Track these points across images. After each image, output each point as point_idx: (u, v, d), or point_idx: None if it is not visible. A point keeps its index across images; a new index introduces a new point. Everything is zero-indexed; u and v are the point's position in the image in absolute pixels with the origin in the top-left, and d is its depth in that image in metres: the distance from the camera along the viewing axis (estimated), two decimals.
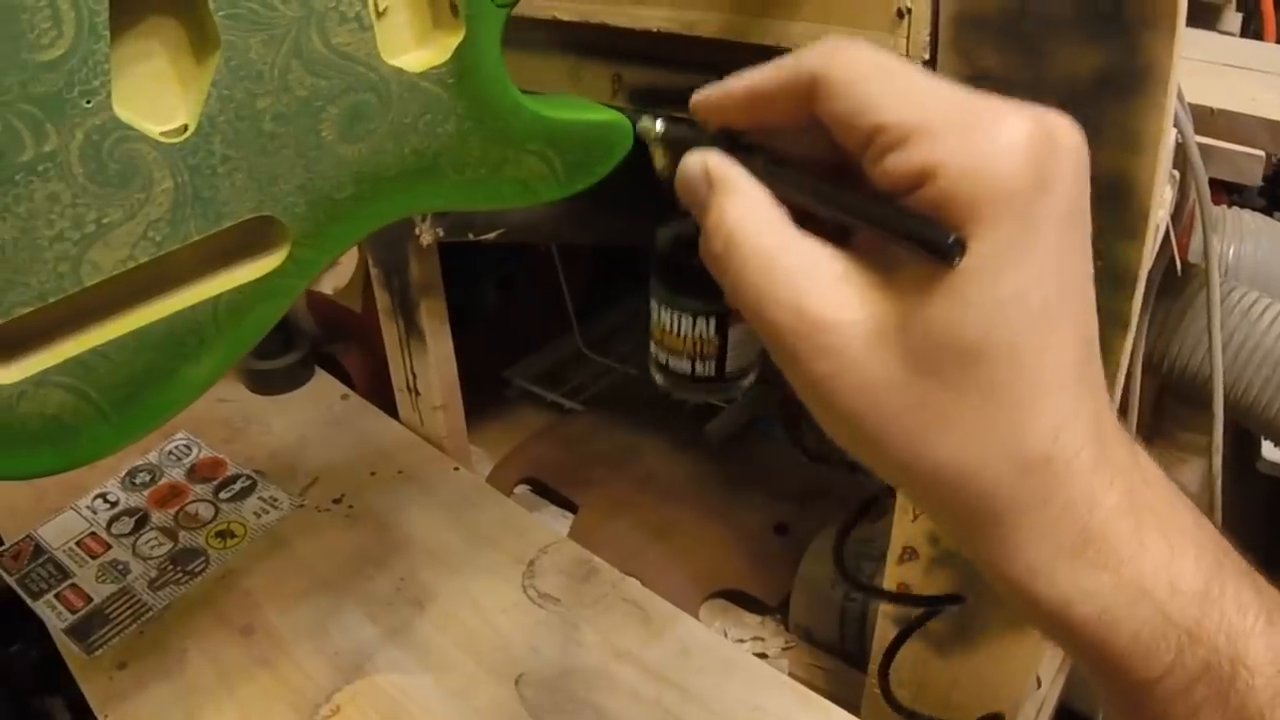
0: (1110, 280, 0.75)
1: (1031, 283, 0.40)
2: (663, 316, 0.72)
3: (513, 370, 1.80)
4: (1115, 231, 0.73)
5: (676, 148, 0.54)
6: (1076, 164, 0.41)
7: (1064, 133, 0.41)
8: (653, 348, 0.72)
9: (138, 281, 0.62)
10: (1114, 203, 0.73)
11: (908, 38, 0.76)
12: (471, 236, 1.15)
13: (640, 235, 1.45)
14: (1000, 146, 0.40)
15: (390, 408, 1.56)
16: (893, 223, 0.42)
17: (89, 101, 0.56)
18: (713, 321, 0.67)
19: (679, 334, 0.84)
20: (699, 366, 0.87)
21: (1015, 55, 0.72)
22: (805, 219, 0.46)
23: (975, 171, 0.40)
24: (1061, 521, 0.43)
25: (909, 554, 0.98)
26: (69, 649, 1.20)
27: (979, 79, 0.74)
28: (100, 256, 0.59)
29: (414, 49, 0.67)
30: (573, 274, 1.74)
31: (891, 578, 1.01)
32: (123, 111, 0.57)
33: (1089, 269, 0.43)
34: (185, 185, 0.60)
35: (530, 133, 0.72)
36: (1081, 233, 0.43)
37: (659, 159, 0.56)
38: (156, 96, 0.60)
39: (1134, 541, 0.43)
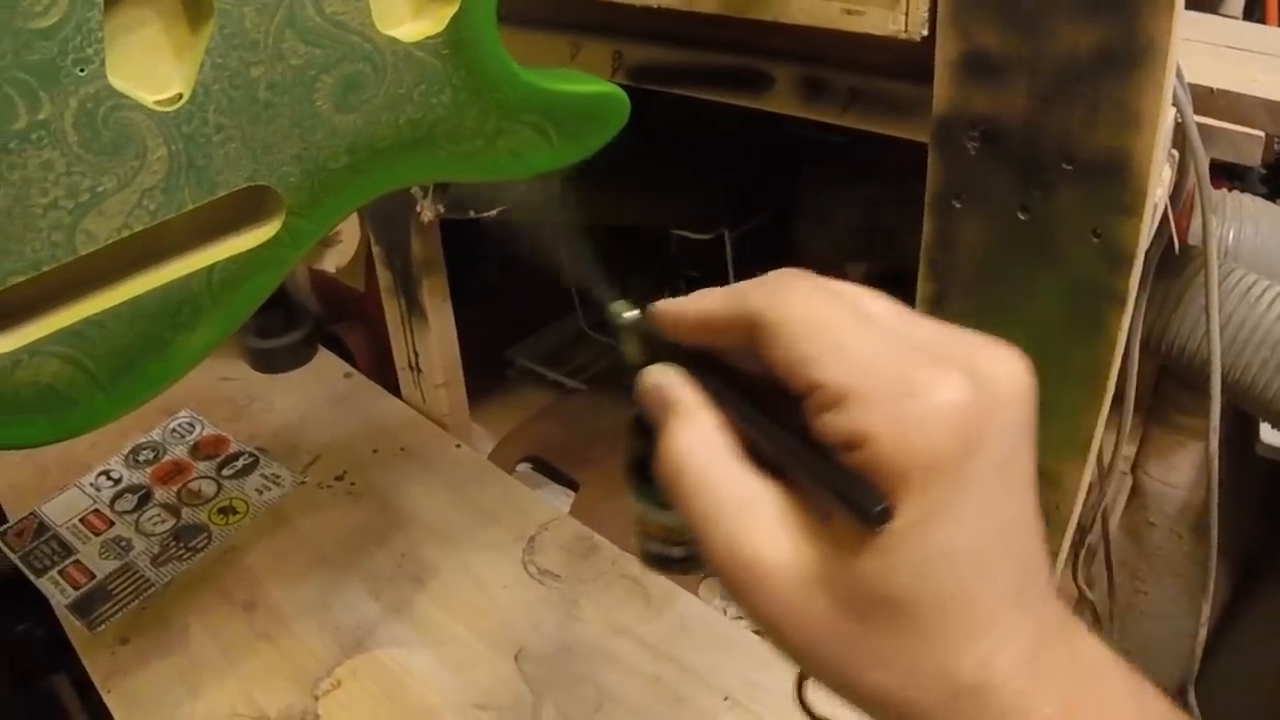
0: (1107, 258, 0.75)
1: (959, 538, 0.41)
2: (636, 507, 0.74)
3: (515, 349, 1.81)
4: (1113, 209, 0.74)
5: (645, 339, 0.55)
6: (1014, 412, 0.43)
7: (1003, 379, 0.43)
8: (635, 534, 0.74)
9: (132, 251, 0.63)
10: (1111, 180, 0.73)
11: (906, 14, 0.76)
12: (472, 214, 1.15)
13: (638, 215, 1.45)
14: (930, 416, 0.41)
15: (393, 386, 1.57)
16: (826, 480, 0.43)
17: (83, 69, 0.56)
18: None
19: (651, 521, 0.85)
20: (672, 550, 0.88)
21: (1014, 31, 0.72)
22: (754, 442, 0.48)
23: (904, 441, 0.40)
24: None
25: None
26: (72, 625, 1.20)
27: (976, 56, 0.75)
28: (95, 225, 0.59)
29: (409, 20, 0.67)
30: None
31: None
32: (117, 80, 0.57)
33: (1026, 501, 0.44)
34: (180, 154, 0.60)
35: (526, 103, 0.72)
36: (1016, 474, 0.43)
37: (628, 347, 0.57)
38: (151, 65, 0.60)
39: None
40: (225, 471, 1.42)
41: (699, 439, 0.48)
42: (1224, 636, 1.42)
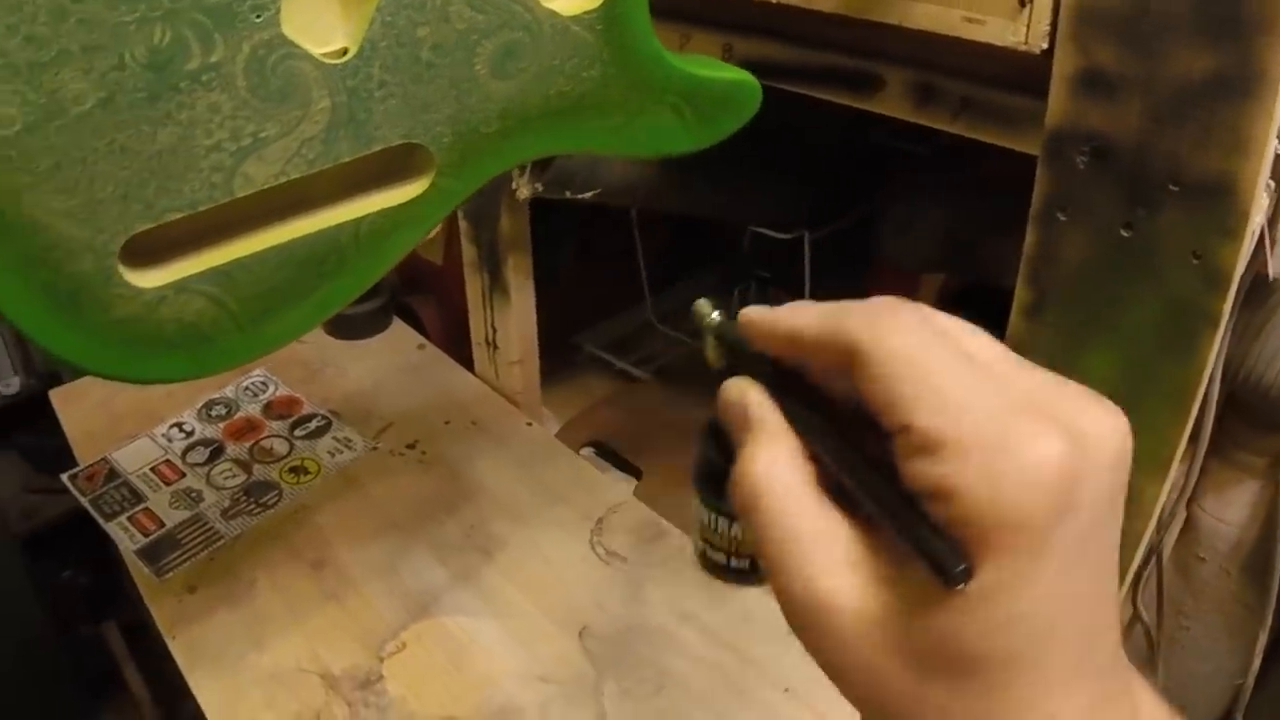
0: (1205, 279, 0.76)
1: (1037, 604, 0.39)
2: (703, 514, 0.70)
3: (583, 335, 1.81)
4: (1215, 231, 0.74)
5: (730, 346, 0.53)
6: (1109, 476, 0.41)
7: (1104, 439, 0.41)
8: (696, 539, 0.71)
9: (284, 198, 0.64)
10: (1216, 203, 0.73)
11: (1028, 26, 0.77)
12: (569, 194, 1.16)
13: (725, 209, 1.46)
14: (1024, 477, 0.38)
15: (463, 361, 1.59)
16: (908, 531, 0.41)
17: (259, 16, 0.57)
18: None
19: (717, 531, 0.81)
20: (734, 561, 0.84)
21: (1131, 52, 0.73)
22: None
23: (994, 502, 0.38)
24: None
25: None
26: (139, 571, 1.22)
27: (1093, 73, 0.75)
28: (254, 170, 0.61)
29: None
30: (649, 244, 1.75)
31: None
32: (288, 29, 0.59)
33: (1106, 567, 0.42)
34: (342, 106, 0.62)
35: (668, 84, 0.73)
36: (1102, 540, 0.42)
37: (710, 349, 0.54)
38: (316, 18, 0.62)
39: None
40: (298, 432, 1.43)
41: (778, 465, 0.46)
42: (1263, 682, 1.42)
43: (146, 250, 0.62)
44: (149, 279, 0.62)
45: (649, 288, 1.78)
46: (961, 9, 0.79)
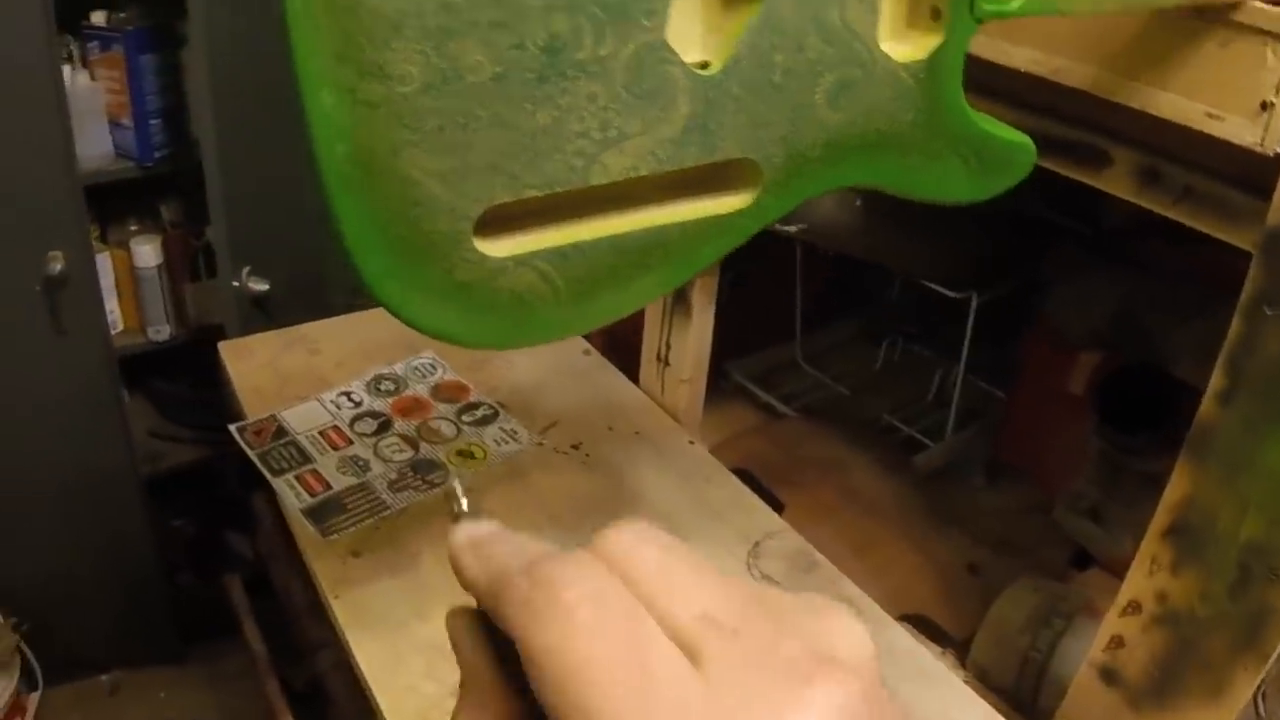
0: None
1: None
2: None
3: (733, 364, 1.86)
4: None
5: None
6: None
7: None
8: None
9: (625, 191, 0.69)
10: None
11: (1266, 129, 0.80)
12: (778, 225, 1.20)
13: (914, 262, 1.50)
14: None
15: (624, 371, 1.63)
16: None
17: (649, 20, 0.63)
18: None
19: None
20: None
21: None
22: None
23: None
24: None
25: (1132, 608, 1.01)
26: (304, 529, 1.26)
27: None
28: (611, 160, 0.66)
29: (899, 41, 0.73)
30: (805, 285, 1.79)
31: (1108, 628, 1.04)
32: (669, 36, 0.64)
33: None
34: (698, 115, 0.67)
35: (964, 136, 0.78)
36: None
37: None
38: (682, 31, 0.66)
39: None
40: (465, 417, 1.48)
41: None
42: None
43: (494, 220, 0.66)
44: (496, 248, 0.67)
45: (800, 328, 1.83)
46: (1204, 103, 0.83)
